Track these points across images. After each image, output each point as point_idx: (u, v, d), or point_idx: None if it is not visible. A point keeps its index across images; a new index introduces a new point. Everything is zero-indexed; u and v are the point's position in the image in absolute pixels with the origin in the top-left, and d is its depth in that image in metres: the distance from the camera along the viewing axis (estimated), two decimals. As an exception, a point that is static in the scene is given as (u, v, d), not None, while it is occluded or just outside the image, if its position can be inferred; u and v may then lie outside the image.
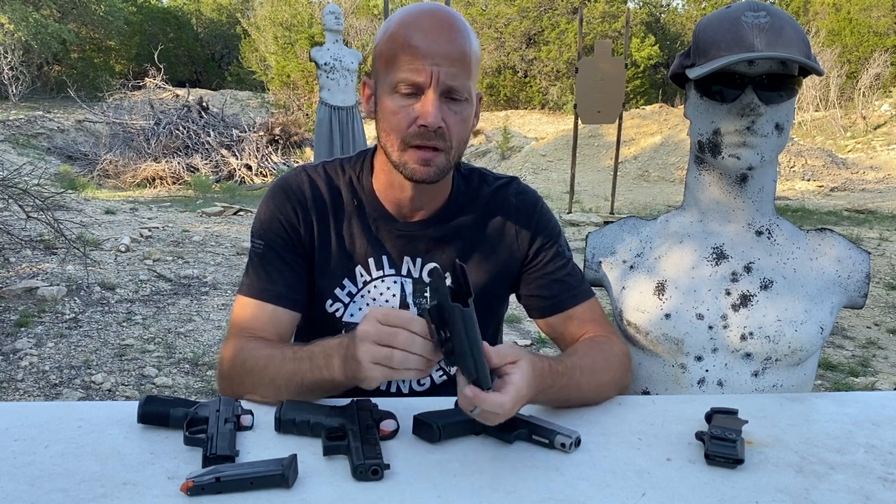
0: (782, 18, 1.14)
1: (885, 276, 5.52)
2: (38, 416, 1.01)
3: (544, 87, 19.30)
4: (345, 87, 7.00)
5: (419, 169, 1.07)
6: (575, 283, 1.24)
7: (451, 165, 1.11)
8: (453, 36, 1.04)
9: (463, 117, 1.08)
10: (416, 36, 1.03)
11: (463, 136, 1.10)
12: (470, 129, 1.12)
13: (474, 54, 1.07)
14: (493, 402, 0.87)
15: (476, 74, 1.09)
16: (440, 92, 1.04)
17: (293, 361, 1.02)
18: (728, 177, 1.25)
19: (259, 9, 20.85)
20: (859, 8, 18.44)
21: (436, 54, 1.02)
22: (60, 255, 4.88)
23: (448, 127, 1.05)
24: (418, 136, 1.05)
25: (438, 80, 1.03)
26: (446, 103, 1.05)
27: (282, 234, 1.18)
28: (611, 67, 7.40)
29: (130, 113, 12.54)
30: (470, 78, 1.07)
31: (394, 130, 1.07)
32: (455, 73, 1.03)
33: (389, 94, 1.06)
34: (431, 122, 1.03)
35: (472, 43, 1.07)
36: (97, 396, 3.06)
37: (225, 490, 0.81)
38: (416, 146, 1.06)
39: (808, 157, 11.84)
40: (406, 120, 1.05)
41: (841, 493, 0.87)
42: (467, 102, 1.08)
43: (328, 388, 1.02)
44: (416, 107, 1.04)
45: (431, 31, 1.03)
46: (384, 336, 0.88)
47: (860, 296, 1.29)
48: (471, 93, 1.08)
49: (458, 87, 1.04)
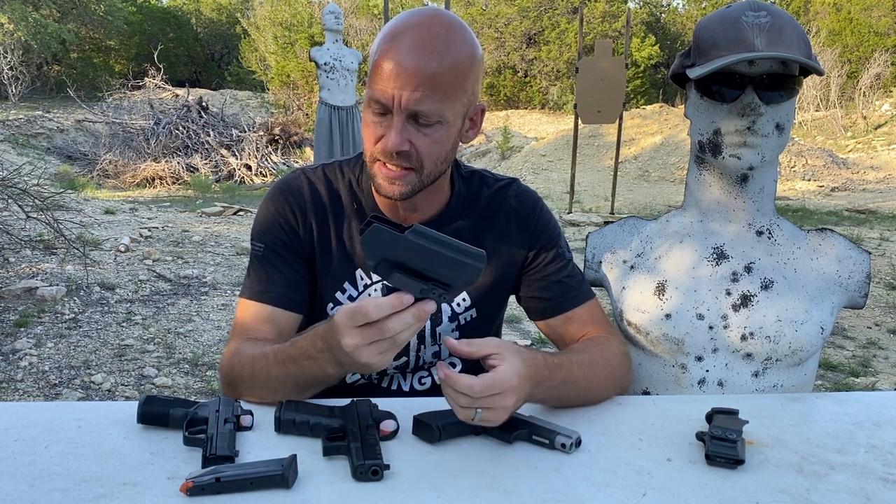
0: (783, 18, 1.14)
1: (885, 277, 5.52)
2: (38, 416, 1.01)
3: (544, 87, 19.29)
4: (345, 87, 7.00)
5: (385, 185, 1.08)
6: (575, 285, 1.24)
7: (425, 184, 1.09)
8: (429, 57, 0.99)
9: (434, 139, 1.04)
10: (388, 54, 1.00)
11: (436, 156, 1.07)
12: (449, 148, 1.09)
13: (454, 73, 1.01)
14: (466, 384, 0.86)
15: (455, 92, 1.03)
16: (406, 115, 1.02)
17: (278, 365, 1.02)
18: (728, 177, 1.25)
19: (259, 9, 20.85)
20: (860, 8, 18.44)
21: (403, 76, 0.99)
22: (60, 255, 4.88)
23: (417, 149, 1.04)
24: (383, 154, 1.05)
25: (400, 105, 1.00)
26: (414, 126, 1.03)
27: (281, 237, 1.18)
28: (611, 67, 7.40)
29: (130, 113, 12.55)
30: (441, 101, 1.01)
31: (366, 143, 1.08)
32: (418, 97, 0.99)
33: (366, 108, 1.07)
34: (390, 147, 1.02)
35: (453, 59, 1.01)
36: (97, 396, 3.06)
37: (225, 490, 0.81)
38: (383, 161, 1.06)
39: (808, 157, 11.83)
40: (374, 136, 1.05)
41: (841, 493, 0.87)
42: (440, 125, 1.04)
43: (325, 383, 1.02)
44: (384, 125, 1.04)
45: (408, 49, 0.99)
46: (373, 335, 0.87)
47: (861, 296, 1.29)
48: (443, 115, 1.03)
49: (425, 111, 1.01)
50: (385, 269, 0.84)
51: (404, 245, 0.82)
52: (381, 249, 0.83)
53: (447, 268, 0.83)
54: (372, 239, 0.83)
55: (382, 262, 0.84)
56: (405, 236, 0.82)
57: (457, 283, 0.85)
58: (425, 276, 0.84)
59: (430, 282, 0.84)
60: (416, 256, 0.83)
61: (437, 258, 0.83)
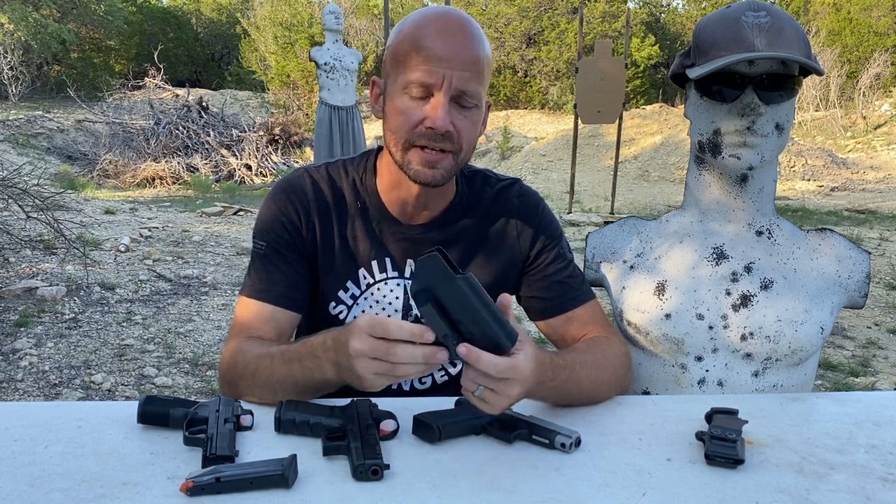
0: (782, 18, 1.14)
1: (885, 276, 5.52)
2: (38, 416, 1.01)
3: (544, 86, 19.30)
4: (345, 87, 7.00)
5: (423, 171, 1.07)
6: (576, 285, 1.24)
7: (458, 168, 1.10)
8: (467, 40, 1.04)
9: (472, 121, 1.08)
10: (429, 38, 1.02)
11: (472, 140, 1.09)
12: (479, 133, 1.12)
13: (486, 60, 1.07)
14: (489, 361, 0.84)
15: (486, 80, 1.09)
16: (450, 96, 1.03)
17: (283, 364, 1.02)
18: (728, 177, 1.25)
19: (259, 9, 20.83)
20: (859, 8, 18.44)
21: (449, 57, 1.02)
22: (60, 255, 4.88)
23: (457, 129, 1.05)
24: (424, 136, 1.04)
25: (450, 84, 1.02)
26: (455, 108, 1.05)
27: (283, 235, 1.18)
28: (611, 67, 7.40)
29: (130, 113, 12.55)
30: (481, 83, 1.06)
31: (399, 129, 1.06)
32: (467, 77, 1.03)
33: (399, 94, 1.06)
34: (440, 126, 1.03)
35: (485, 48, 1.07)
36: (97, 396, 3.06)
37: (225, 490, 0.81)
38: (420, 146, 1.05)
39: (808, 157, 11.84)
40: (412, 120, 1.04)
41: (841, 493, 0.87)
42: (476, 108, 1.07)
43: (323, 388, 1.02)
44: (425, 108, 1.04)
45: (445, 33, 1.03)
46: (380, 351, 0.86)
47: (860, 296, 1.29)
48: (481, 98, 1.07)
49: (470, 91, 1.04)
50: (423, 297, 0.84)
51: (452, 286, 0.82)
52: (430, 279, 0.83)
53: (477, 327, 0.83)
54: (427, 265, 0.83)
55: (424, 291, 0.84)
56: (457, 278, 0.82)
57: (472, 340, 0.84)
58: (454, 324, 0.84)
59: (455, 332, 0.84)
60: (457, 302, 0.83)
61: (474, 314, 0.83)
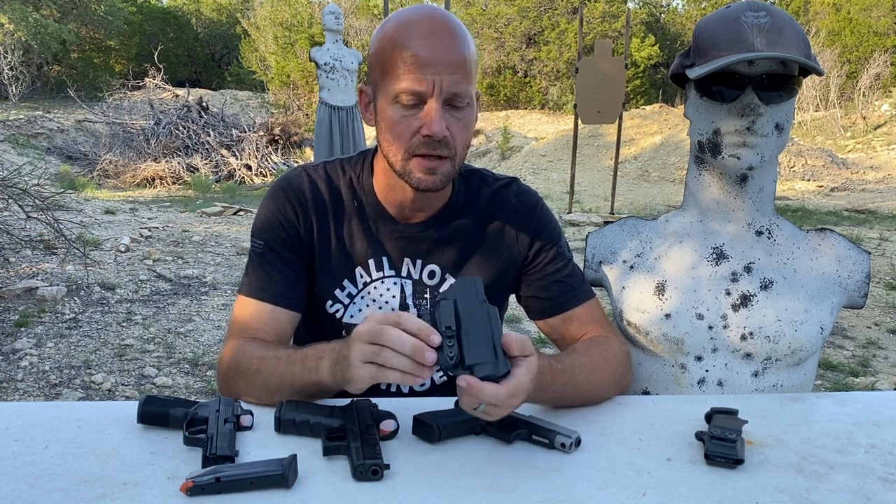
0: (782, 18, 1.14)
1: (885, 276, 5.52)
2: (38, 416, 1.01)
3: (544, 87, 19.28)
4: (345, 87, 7.00)
5: (424, 178, 1.07)
6: (575, 285, 1.24)
7: (456, 171, 1.11)
8: (452, 41, 1.03)
9: (465, 122, 1.07)
10: (414, 42, 1.01)
11: (466, 141, 1.10)
12: (472, 133, 1.12)
13: (472, 57, 1.06)
14: (489, 392, 0.84)
15: (475, 77, 1.09)
16: (443, 100, 1.03)
17: (285, 364, 1.02)
18: (728, 177, 1.25)
19: (259, 9, 20.85)
20: (859, 8, 18.44)
21: (436, 62, 1.01)
22: (60, 255, 4.88)
23: (452, 135, 1.05)
24: (423, 145, 1.05)
25: (441, 89, 1.02)
26: (449, 111, 1.04)
27: (281, 234, 1.18)
28: (611, 67, 7.40)
29: (130, 113, 12.55)
30: (470, 82, 1.06)
31: (397, 140, 1.06)
32: (457, 80, 1.02)
33: (390, 103, 1.05)
34: (436, 133, 1.02)
35: (470, 46, 1.06)
36: (97, 396, 3.06)
37: (225, 490, 0.81)
38: (420, 155, 1.06)
39: (808, 157, 11.84)
40: (409, 130, 1.04)
41: (841, 493, 0.87)
42: (469, 107, 1.07)
43: (317, 392, 1.01)
44: (420, 116, 1.03)
45: (430, 36, 1.02)
46: (375, 334, 0.87)
47: (860, 296, 1.29)
48: (472, 96, 1.07)
49: (461, 92, 1.04)
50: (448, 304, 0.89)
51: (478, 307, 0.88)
52: (462, 294, 0.90)
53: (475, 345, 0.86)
54: (467, 283, 0.91)
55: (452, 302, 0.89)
56: (486, 302, 0.89)
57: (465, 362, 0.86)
58: (459, 335, 0.87)
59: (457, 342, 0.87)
60: (472, 319, 0.87)
61: (481, 335, 0.86)
